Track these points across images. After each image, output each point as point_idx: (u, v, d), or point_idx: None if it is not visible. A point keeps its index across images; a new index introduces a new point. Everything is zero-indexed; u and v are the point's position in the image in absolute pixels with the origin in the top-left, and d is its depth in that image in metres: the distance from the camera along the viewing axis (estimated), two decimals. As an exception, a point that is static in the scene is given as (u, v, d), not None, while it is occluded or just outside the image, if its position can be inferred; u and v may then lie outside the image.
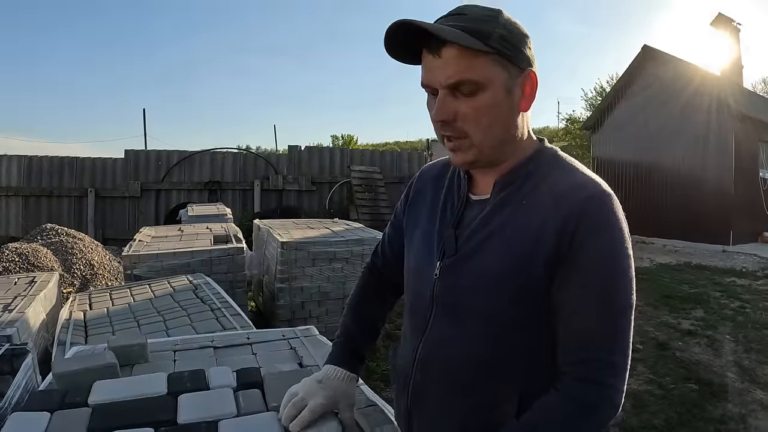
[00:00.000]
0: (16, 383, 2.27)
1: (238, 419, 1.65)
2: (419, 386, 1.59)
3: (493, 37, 1.36)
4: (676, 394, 5.88)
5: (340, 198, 18.06)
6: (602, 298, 1.35)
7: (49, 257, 8.39)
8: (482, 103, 1.38)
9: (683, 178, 18.70)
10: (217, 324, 3.71)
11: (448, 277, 1.52)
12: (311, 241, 6.79)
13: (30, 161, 16.38)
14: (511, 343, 1.44)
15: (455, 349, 1.50)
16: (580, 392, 1.35)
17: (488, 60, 1.37)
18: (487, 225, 1.48)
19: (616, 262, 1.37)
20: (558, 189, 1.42)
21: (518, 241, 1.41)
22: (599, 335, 1.35)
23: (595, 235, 1.35)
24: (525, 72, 1.43)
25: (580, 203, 1.37)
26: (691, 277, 12.32)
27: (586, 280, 1.35)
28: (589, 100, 37.00)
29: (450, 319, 1.52)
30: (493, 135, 1.43)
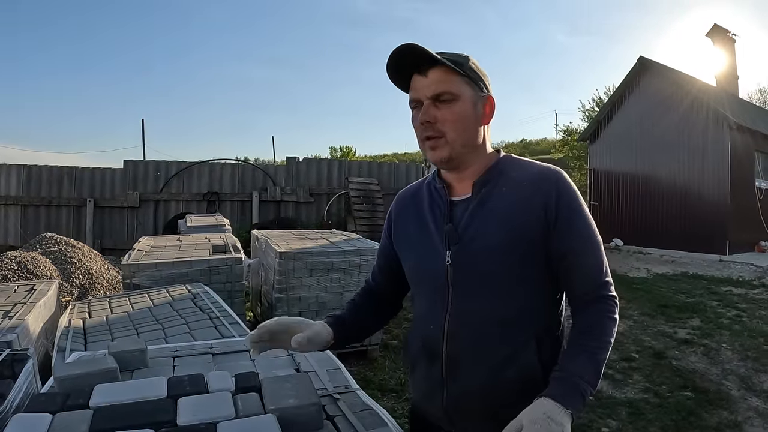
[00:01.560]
0: (17, 387, 2.29)
1: (237, 421, 1.67)
2: (452, 354, 1.93)
3: (465, 67, 1.88)
4: (672, 402, 5.91)
5: (338, 209, 18.07)
6: (591, 243, 1.90)
7: (48, 266, 8.41)
8: (456, 110, 1.86)
9: (679, 188, 18.76)
10: (215, 332, 3.72)
11: (459, 261, 1.90)
12: (309, 251, 6.81)
13: (29, 170, 16.40)
14: (521, 299, 1.88)
15: (477, 316, 1.89)
16: (606, 307, 1.86)
17: (462, 80, 1.88)
18: (477, 214, 1.91)
19: (587, 216, 1.91)
20: (531, 175, 1.92)
21: (512, 216, 1.86)
22: (599, 267, 1.89)
23: (570, 200, 1.88)
24: (485, 95, 1.94)
25: (554, 182, 1.88)
26: (687, 286, 12.37)
27: (578, 231, 1.88)
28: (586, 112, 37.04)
29: (467, 294, 1.90)
30: (463, 136, 1.89)
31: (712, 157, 17.85)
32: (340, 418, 1.91)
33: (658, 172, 19.56)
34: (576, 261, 1.87)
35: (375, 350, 7.13)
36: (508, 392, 1.86)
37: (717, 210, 17.52)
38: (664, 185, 19.29)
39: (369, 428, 1.83)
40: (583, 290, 1.89)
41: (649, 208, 19.77)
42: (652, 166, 19.77)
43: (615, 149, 21.55)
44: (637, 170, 20.39)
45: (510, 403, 1.74)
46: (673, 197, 18.92)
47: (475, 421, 1.94)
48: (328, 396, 2.08)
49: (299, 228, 12.63)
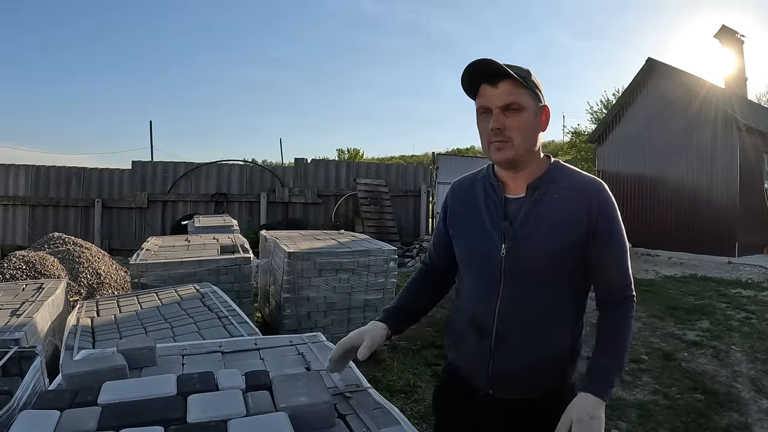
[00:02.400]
0: (24, 385, 2.26)
1: (248, 419, 1.65)
2: (501, 334, 2.23)
3: (529, 81, 2.12)
4: (681, 404, 5.88)
5: (346, 210, 18.08)
6: (622, 250, 2.21)
7: (56, 265, 8.40)
8: (523, 119, 2.12)
9: (688, 190, 18.67)
10: (224, 331, 3.70)
11: (513, 255, 2.18)
12: (318, 251, 6.78)
13: (37, 171, 16.46)
14: (562, 294, 2.20)
15: (524, 304, 2.19)
16: (628, 307, 2.23)
17: (527, 93, 2.13)
18: (532, 215, 2.19)
19: (621, 225, 2.21)
20: (578, 186, 2.21)
21: (561, 221, 2.15)
22: (626, 272, 2.23)
23: (609, 212, 2.18)
24: (543, 106, 2.20)
25: (596, 193, 2.18)
26: (696, 288, 12.29)
27: (614, 240, 2.18)
28: (594, 114, 37.00)
29: (517, 284, 2.19)
30: (527, 142, 2.15)
31: (720, 159, 17.77)
32: (352, 416, 1.88)
33: (666, 173, 19.47)
34: (609, 265, 2.21)
35: (383, 351, 7.10)
36: (544, 370, 2.22)
37: (726, 212, 17.44)
38: (673, 187, 19.20)
39: (381, 427, 1.80)
40: (611, 290, 2.25)
41: (657, 210, 19.68)
42: (660, 167, 19.68)
43: (623, 151, 21.46)
44: (646, 172, 20.29)
45: (544, 378, 2.23)
46: (682, 199, 18.83)
47: (514, 387, 2.27)
48: (340, 395, 2.05)
49: (307, 229, 12.60)
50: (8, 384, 2.22)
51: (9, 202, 16.19)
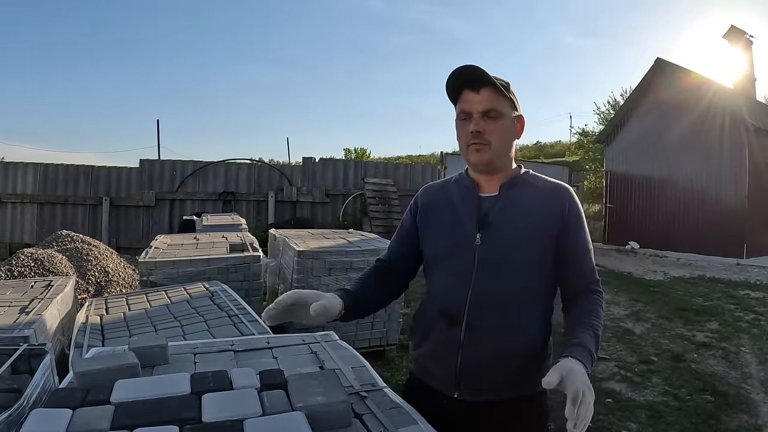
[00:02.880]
0: (34, 383, 2.24)
1: (264, 418, 1.63)
2: (472, 322, 2.26)
3: (508, 91, 2.28)
4: (691, 405, 5.87)
5: (354, 210, 18.06)
6: (589, 248, 2.34)
7: (65, 263, 8.40)
8: (501, 125, 2.27)
9: (696, 191, 18.63)
10: (234, 330, 3.68)
11: (488, 243, 2.26)
12: (327, 250, 6.77)
13: (45, 169, 16.49)
14: (533, 281, 2.27)
15: (497, 291, 2.24)
16: (599, 298, 2.30)
17: (506, 101, 2.28)
18: (506, 208, 2.31)
19: (586, 226, 2.36)
20: (550, 187, 2.37)
21: (533, 216, 2.28)
22: (594, 269, 2.34)
23: (578, 212, 2.34)
24: (518, 115, 2.36)
25: (568, 194, 2.35)
26: (705, 290, 12.26)
27: (583, 239, 2.32)
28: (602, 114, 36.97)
29: (490, 272, 2.25)
30: (503, 146, 2.32)
31: (729, 160, 17.72)
32: (369, 416, 1.86)
33: (674, 174, 19.43)
34: (579, 261, 2.31)
35: (392, 350, 7.10)
36: (514, 360, 2.24)
37: (734, 213, 17.39)
38: (681, 188, 19.16)
39: (399, 426, 1.78)
40: (581, 284, 2.32)
41: (665, 210, 19.63)
42: (668, 168, 19.64)
43: (631, 152, 21.42)
44: (654, 172, 20.26)
45: (514, 373, 2.25)
46: (690, 200, 18.79)
47: (482, 383, 2.28)
48: (355, 394, 2.03)
49: (315, 228, 12.59)
50: (18, 382, 2.19)
51: (17, 200, 16.20)
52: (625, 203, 21.63)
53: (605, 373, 6.81)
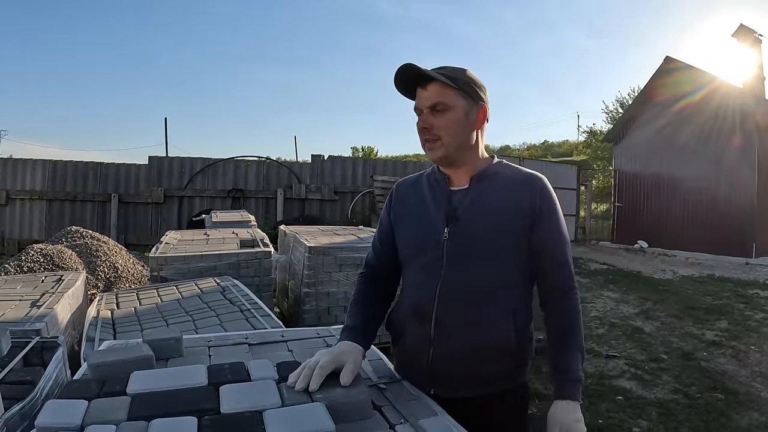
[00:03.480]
0: (47, 375, 2.24)
1: (284, 409, 1.61)
2: (441, 318, 2.22)
3: (459, 81, 2.20)
4: (702, 403, 5.83)
5: (362, 207, 18.05)
6: (563, 241, 2.26)
7: (74, 259, 8.39)
8: (449, 118, 2.20)
9: (705, 190, 18.52)
10: (246, 324, 3.66)
11: (456, 237, 2.22)
12: (338, 246, 6.75)
13: (55, 166, 16.53)
14: (503, 275, 2.21)
15: (465, 286, 2.20)
16: (574, 297, 2.25)
17: (456, 93, 2.20)
18: (476, 201, 2.24)
19: (563, 220, 2.28)
20: (521, 177, 2.28)
21: (503, 208, 2.21)
22: (567, 263, 2.27)
23: (550, 203, 2.24)
24: (478, 105, 2.25)
25: (539, 185, 2.24)
26: (714, 289, 12.18)
27: (555, 230, 2.24)
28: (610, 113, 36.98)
29: (458, 267, 2.21)
30: (456, 139, 2.23)
31: (738, 159, 17.61)
32: (388, 407, 1.86)
33: (683, 173, 19.34)
34: (551, 254, 2.25)
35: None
36: (486, 355, 2.20)
37: (743, 212, 17.30)
38: (690, 187, 19.06)
39: (419, 418, 1.78)
40: (554, 279, 2.28)
41: (674, 210, 19.56)
42: (677, 167, 19.55)
43: (640, 150, 21.35)
44: (663, 171, 20.18)
45: (485, 366, 2.21)
46: (699, 199, 18.70)
47: (455, 380, 2.23)
48: (374, 386, 2.03)
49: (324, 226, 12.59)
50: (31, 374, 2.18)
51: (26, 197, 16.25)
52: (634, 202, 21.56)
53: (615, 370, 6.78)
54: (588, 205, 24.01)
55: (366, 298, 2.46)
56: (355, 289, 2.55)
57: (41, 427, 1.51)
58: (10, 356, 2.29)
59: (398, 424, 1.73)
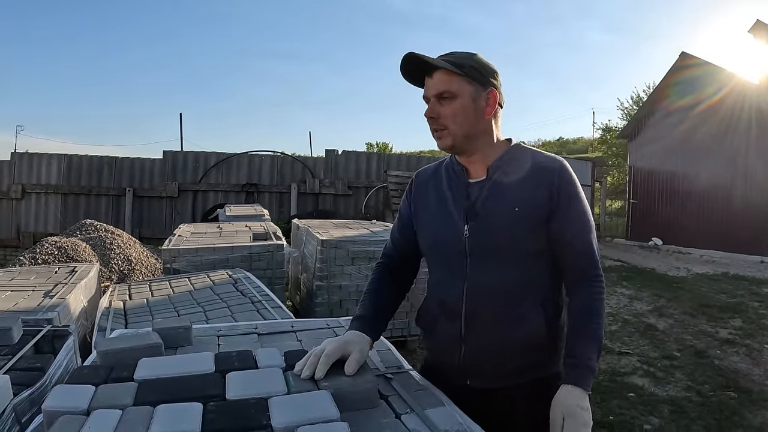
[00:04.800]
0: (57, 363, 2.25)
1: (290, 397, 1.62)
2: (470, 315, 2.20)
3: (465, 67, 2.14)
4: (714, 401, 5.80)
5: (376, 202, 18.03)
6: (585, 228, 2.17)
7: (88, 251, 8.44)
8: (456, 106, 2.15)
9: (721, 187, 18.42)
10: (257, 316, 3.67)
11: (476, 235, 2.18)
12: (351, 240, 6.75)
13: (70, 160, 16.60)
14: (528, 269, 2.17)
15: (492, 282, 2.17)
16: (598, 288, 2.17)
17: (462, 80, 2.14)
18: (493, 194, 2.19)
19: (584, 202, 2.19)
20: (538, 164, 2.20)
21: (520, 198, 2.14)
22: (590, 251, 2.18)
23: (570, 189, 2.16)
24: (487, 90, 2.18)
25: (558, 171, 2.16)
26: (728, 287, 12.10)
27: (575, 217, 2.16)
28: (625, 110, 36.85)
29: (482, 265, 2.18)
30: (464, 127, 2.17)
31: (754, 156, 17.50)
32: (395, 397, 1.85)
33: (699, 170, 19.24)
34: (571, 243, 2.17)
35: (414, 341, 7.07)
36: (517, 350, 2.18)
37: (759, 210, 17.18)
38: (705, 184, 18.95)
39: (426, 408, 1.77)
40: (577, 270, 2.20)
41: (689, 207, 19.48)
42: (693, 164, 19.47)
43: (655, 147, 21.26)
44: (678, 168, 20.10)
45: (517, 360, 2.19)
46: (715, 197, 18.61)
47: (488, 373, 2.23)
48: (381, 376, 2.02)
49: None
50: (41, 361, 2.19)
51: (41, 191, 16.32)
52: (649, 199, 21.49)
53: (628, 367, 6.77)
54: (603, 202, 23.90)
55: (379, 288, 2.44)
56: (370, 278, 2.53)
57: (48, 410, 1.52)
58: (21, 344, 2.31)
59: (404, 414, 1.72)
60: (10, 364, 2.10)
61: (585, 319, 2.13)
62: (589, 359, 2.06)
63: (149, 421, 1.46)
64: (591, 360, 2.06)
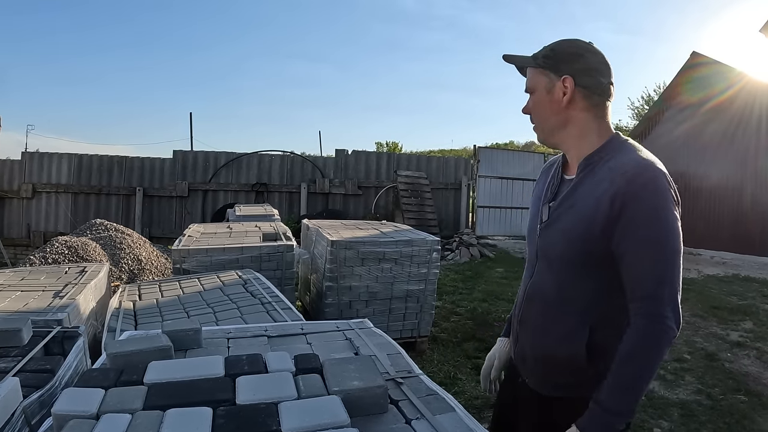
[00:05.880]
0: (66, 364, 2.24)
1: (300, 402, 1.61)
2: (524, 315, 2.29)
3: (538, 58, 2.19)
4: (725, 405, 5.79)
5: (386, 202, 18.06)
6: (651, 245, 1.92)
7: (98, 251, 8.46)
8: (534, 100, 2.22)
9: (732, 188, 18.33)
10: (267, 317, 3.66)
11: (544, 237, 2.20)
12: (361, 240, 6.74)
13: (80, 159, 16.67)
14: (580, 283, 2.09)
15: (547, 287, 2.19)
16: (642, 330, 1.90)
17: (537, 72, 2.19)
18: (570, 197, 2.14)
19: (655, 218, 1.93)
20: (614, 166, 2.02)
21: (585, 206, 2.04)
22: (651, 279, 1.91)
23: (639, 199, 1.92)
24: (561, 78, 2.13)
25: (629, 175, 1.95)
26: (739, 288, 12.09)
27: (638, 234, 1.92)
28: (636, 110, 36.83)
29: (546, 267, 2.21)
30: (546, 121, 2.22)
31: (765, 156, 17.44)
32: (405, 402, 1.84)
33: (710, 171, 19.15)
34: (630, 264, 1.95)
35: (424, 343, 7.07)
36: (556, 363, 2.15)
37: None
38: (716, 185, 18.86)
39: (436, 413, 1.76)
40: (632, 297, 1.97)
41: (700, 208, 19.38)
42: (704, 164, 19.38)
43: (666, 147, 21.10)
44: (689, 169, 20.00)
45: (556, 373, 2.17)
46: (725, 197, 18.52)
47: (532, 377, 2.29)
48: (391, 380, 2.01)
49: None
50: (50, 363, 2.19)
51: (52, 190, 16.41)
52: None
53: (639, 369, 6.74)
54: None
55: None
56: None
57: (58, 414, 1.52)
58: (30, 345, 2.30)
59: (415, 419, 1.72)
60: (20, 366, 2.10)
61: (618, 362, 1.92)
62: (606, 410, 1.90)
63: (159, 426, 1.45)
64: (609, 404, 1.90)
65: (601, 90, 2.15)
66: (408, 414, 1.75)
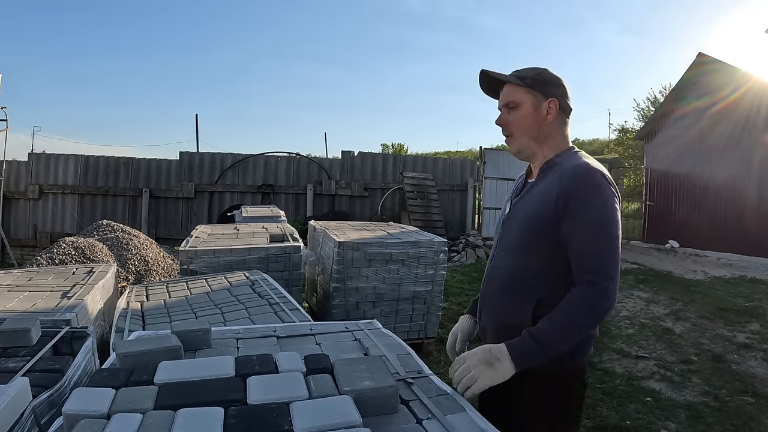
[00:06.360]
0: (75, 364, 2.24)
1: (311, 401, 1.60)
2: (485, 293, 2.62)
3: (526, 79, 2.46)
4: (732, 406, 5.77)
5: (392, 204, 18.08)
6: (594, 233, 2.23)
7: (105, 252, 8.47)
8: (519, 114, 2.49)
9: (738, 190, 18.23)
10: (275, 318, 3.66)
11: (505, 227, 2.56)
12: (368, 242, 6.74)
13: (87, 161, 16.72)
14: (529, 266, 2.38)
15: (501, 270, 2.52)
16: (584, 291, 2.19)
17: (524, 90, 2.47)
18: (528, 194, 2.50)
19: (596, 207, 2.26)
20: (568, 168, 2.35)
21: (538, 201, 2.39)
22: (591, 255, 2.22)
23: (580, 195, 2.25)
24: (548, 99, 2.45)
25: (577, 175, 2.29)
26: (746, 290, 12.01)
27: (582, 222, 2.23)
28: (641, 111, 36.75)
29: (501, 253, 2.55)
30: (527, 134, 2.50)
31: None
32: (416, 402, 1.85)
33: (716, 172, 19.05)
34: (574, 244, 2.27)
35: (431, 344, 7.07)
36: (507, 332, 2.29)
37: (778, 213, 17.08)
38: (722, 186, 18.75)
39: (446, 413, 1.76)
40: (578, 271, 2.25)
41: (706, 209, 19.30)
42: (710, 166, 19.29)
43: (672, 149, 21.08)
44: (695, 170, 19.92)
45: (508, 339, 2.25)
46: (732, 199, 18.42)
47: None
48: (402, 380, 2.01)
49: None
50: (59, 363, 2.19)
51: (59, 191, 16.47)
52: (665, 201, 21.31)
53: (645, 371, 6.74)
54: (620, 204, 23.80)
55: None
56: None
57: (68, 414, 1.52)
58: (39, 345, 2.30)
59: (425, 419, 1.72)
60: (29, 366, 2.10)
61: (559, 307, 2.21)
62: (531, 335, 2.18)
63: (170, 426, 1.45)
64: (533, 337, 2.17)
65: (569, 110, 2.54)
66: (419, 414, 1.75)
